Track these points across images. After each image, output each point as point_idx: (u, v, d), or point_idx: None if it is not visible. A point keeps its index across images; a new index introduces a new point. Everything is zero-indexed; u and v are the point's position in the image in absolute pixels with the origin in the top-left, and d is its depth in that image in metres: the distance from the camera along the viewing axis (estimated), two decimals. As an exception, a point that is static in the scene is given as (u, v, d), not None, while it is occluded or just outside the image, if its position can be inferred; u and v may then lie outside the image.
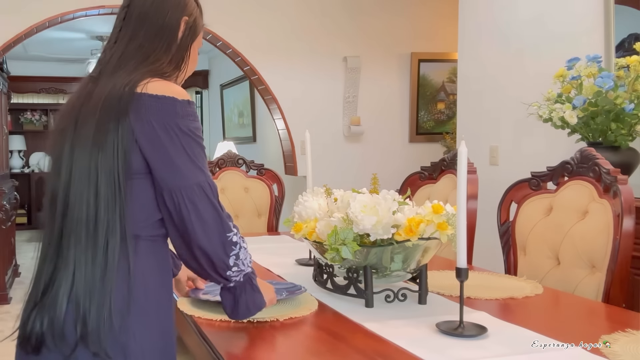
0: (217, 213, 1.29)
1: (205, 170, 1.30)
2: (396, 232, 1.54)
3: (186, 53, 1.42)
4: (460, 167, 1.35)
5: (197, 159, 1.28)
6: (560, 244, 2.05)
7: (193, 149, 1.27)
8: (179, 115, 1.26)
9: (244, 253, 1.34)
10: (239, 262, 1.32)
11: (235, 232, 1.32)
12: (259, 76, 5.09)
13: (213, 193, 1.29)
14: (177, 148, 1.26)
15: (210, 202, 1.28)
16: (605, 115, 2.63)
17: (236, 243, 1.31)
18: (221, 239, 1.29)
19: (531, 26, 3.40)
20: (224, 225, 1.30)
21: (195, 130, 1.29)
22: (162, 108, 1.25)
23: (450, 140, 5.21)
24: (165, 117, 1.25)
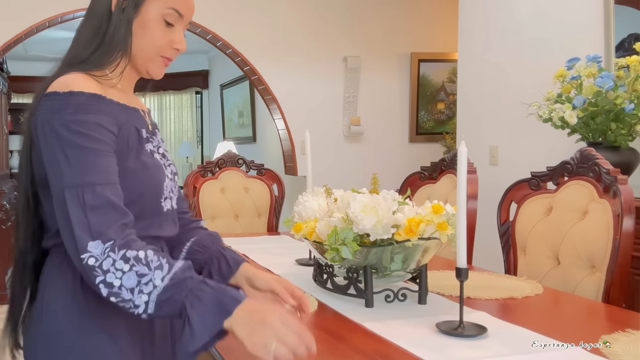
0: (69, 226, 1.05)
1: (75, 172, 1.07)
2: (396, 232, 1.54)
3: (125, 32, 1.19)
4: (460, 167, 1.35)
5: (66, 160, 1.07)
6: (560, 244, 2.05)
7: (65, 147, 1.08)
8: (55, 110, 1.10)
9: (130, 277, 1.02)
10: (122, 291, 1.02)
11: (98, 254, 1.03)
12: (259, 76, 5.09)
13: (73, 200, 1.06)
14: (49, 149, 1.10)
15: (67, 212, 1.06)
16: (605, 115, 2.63)
17: (93, 268, 1.03)
18: (78, 262, 1.04)
19: (531, 26, 3.40)
20: (76, 244, 1.04)
21: (74, 124, 1.08)
22: (45, 106, 1.12)
23: (450, 140, 5.21)
24: (45, 116, 1.11)
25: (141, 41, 1.21)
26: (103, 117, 1.12)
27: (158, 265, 1.03)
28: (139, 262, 1.03)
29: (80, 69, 1.18)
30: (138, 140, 1.21)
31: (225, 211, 3.31)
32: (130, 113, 1.22)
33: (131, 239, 1.06)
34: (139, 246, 1.05)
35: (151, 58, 1.24)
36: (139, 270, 1.02)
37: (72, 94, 1.11)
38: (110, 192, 1.08)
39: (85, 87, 1.13)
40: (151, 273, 1.02)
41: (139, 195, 1.17)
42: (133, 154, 1.18)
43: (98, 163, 1.09)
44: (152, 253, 1.05)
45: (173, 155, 9.52)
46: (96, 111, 1.12)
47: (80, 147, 1.08)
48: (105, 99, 1.15)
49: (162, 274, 1.03)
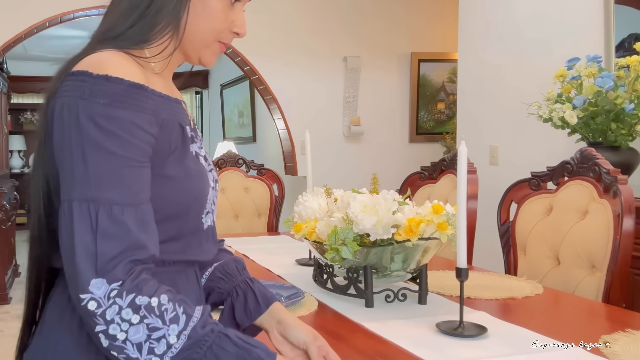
0: (71, 249, 0.83)
1: (92, 181, 0.85)
2: (396, 232, 1.54)
3: (178, 4, 0.97)
4: (460, 167, 1.35)
5: (84, 162, 0.85)
6: (560, 244, 2.05)
7: (85, 147, 0.85)
8: (83, 95, 0.86)
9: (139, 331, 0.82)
10: (127, 346, 0.82)
11: (101, 296, 0.81)
12: (259, 76, 5.09)
13: (83, 218, 0.83)
14: (65, 144, 0.87)
15: (72, 232, 0.83)
16: (605, 115, 2.63)
17: (93, 314, 0.81)
18: (77, 300, 0.83)
19: (531, 26, 3.40)
20: (77, 277, 0.82)
21: (104, 120, 0.85)
22: (70, 88, 0.88)
23: (450, 140, 5.21)
24: (68, 99, 0.87)
25: (200, 20, 0.99)
26: (142, 115, 0.89)
27: (173, 317, 0.83)
28: (151, 312, 0.82)
29: (114, 46, 0.95)
30: (182, 140, 0.97)
31: (225, 211, 3.31)
32: (173, 107, 0.98)
33: (142, 279, 0.84)
34: (150, 290, 0.84)
35: (208, 43, 1.02)
36: (150, 324, 0.82)
37: (107, 79, 0.87)
38: (130, 216, 0.86)
39: (126, 72, 0.90)
40: (165, 328, 0.82)
41: (178, 209, 0.96)
42: (175, 158, 0.95)
43: (123, 175, 0.86)
44: (166, 299, 0.84)
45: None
46: (134, 106, 0.88)
47: (104, 150, 0.85)
48: (148, 90, 0.91)
49: (178, 329, 0.83)
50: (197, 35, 1.00)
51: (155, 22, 0.97)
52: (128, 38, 0.96)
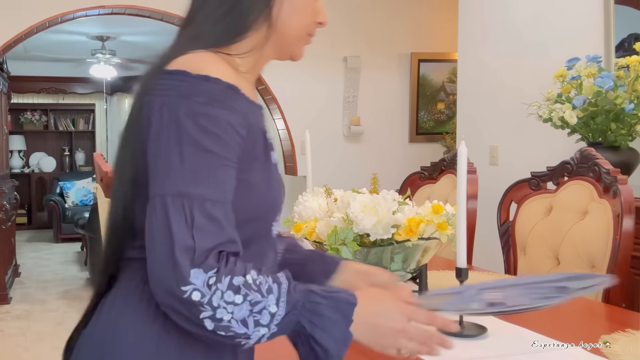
0: (168, 243, 0.84)
1: (187, 178, 0.86)
2: (396, 232, 1.54)
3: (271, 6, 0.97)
4: (460, 167, 1.35)
5: (180, 159, 0.86)
6: (560, 244, 2.05)
7: (183, 144, 0.87)
8: (183, 94, 0.88)
9: (243, 308, 0.85)
10: (232, 324, 0.85)
11: (201, 286, 0.83)
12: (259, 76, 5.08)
13: (178, 212, 0.85)
14: (161, 140, 0.88)
15: (168, 227, 0.85)
16: (605, 115, 2.63)
17: (199, 304, 0.84)
18: (175, 292, 0.84)
19: (531, 26, 3.40)
20: (175, 270, 0.84)
21: (202, 118, 0.87)
22: (169, 87, 0.90)
23: (450, 140, 5.21)
24: (167, 98, 0.89)
25: (292, 15, 0.98)
26: (235, 116, 0.90)
27: (268, 288, 0.86)
28: (250, 288, 0.85)
29: (205, 45, 0.95)
30: (264, 147, 0.97)
31: (225, 211, 3.31)
32: (257, 112, 0.98)
33: (231, 262, 0.86)
34: (241, 270, 0.86)
35: (301, 36, 1.02)
36: (252, 300, 0.85)
37: (207, 80, 0.89)
38: (220, 213, 0.87)
39: (223, 73, 0.91)
40: (264, 300, 0.85)
41: (255, 216, 0.97)
42: (260, 165, 0.96)
43: (217, 174, 0.88)
44: (256, 273, 0.87)
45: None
46: (230, 107, 0.89)
47: (202, 148, 0.87)
48: (240, 93, 0.92)
49: (275, 298, 0.86)
50: (291, 31, 1.00)
51: (246, 15, 0.96)
52: (219, 34, 0.96)
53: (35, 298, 5.29)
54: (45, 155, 9.66)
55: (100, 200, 2.09)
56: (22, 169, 9.44)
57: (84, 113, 9.88)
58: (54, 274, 6.30)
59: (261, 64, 1.05)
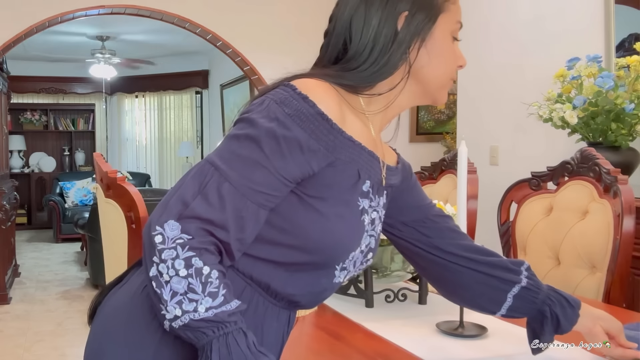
0: (173, 192, 0.91)
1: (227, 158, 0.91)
2: (396, 232, 1.54)
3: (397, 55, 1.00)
4: (460, 167, 1.35)
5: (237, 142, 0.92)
6: (561, 244, 2.04)
7: (247, 133, 0.92)
8: (278, 101, 0.93)
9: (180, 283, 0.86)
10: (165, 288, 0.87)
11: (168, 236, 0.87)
12: (259, 76, 5.09)
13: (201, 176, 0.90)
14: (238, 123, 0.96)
15: (186, 178, 0.92)
16: (605, 115, 2.63)
17: (154, 246, 0.87)
18: (149, 229, 0.89)
19: (531, 26, 3.40)
20: (161, 213, 0.89)
21: (276, 123, 0.91)
22: (274, 92, 0.96)
23: (450, 140, 5.21)
24: (266, 98, 0.96)
25: (436, 66, 1.03)
26: (311, 142, 0.92)
27: (213, 293, 0.87)
28: (198, 276, 0.86)
29: (335, 81, 0.99)
30: (352, 187, 0.98)
31: (225, 211, 3.31)
32: (360, 154, 0.99)
33: (206, 248, 0.88)
34: (208, 260, 0.88)
35: (444, 84, 1.06)
36: (191, 284, 0.86)
37: (304, 99, 0.93)
38: (231, 199, 0.89)
39: (322, 101, 0.94)
40: (200, 296, 0.86)
41: (315, 246, 0.96)
42: (336, 198, 0.96)
43: (254, 170, 0.90)
44: (216, 274, 0.88)
45: (173, 156, 9.54)
46: (310, 131, 0.92)
47: (258, 145, 0.90)
48: (333, 126, 0.94)
49: (210, 304, 0.86)
50: (434, 80, 1.04)
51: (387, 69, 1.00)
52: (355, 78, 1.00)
53: (35, 298, 5.29)
54: (45, 155, 9.66)
55: (100, 200, 2.09)
56: (22, 169, 9.44)
57: (83, 113, 9.88)
58: (53, 274, 6.30)
59: (394, 109, 1.08)
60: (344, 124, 0.95)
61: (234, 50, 5.02)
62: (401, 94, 1.04)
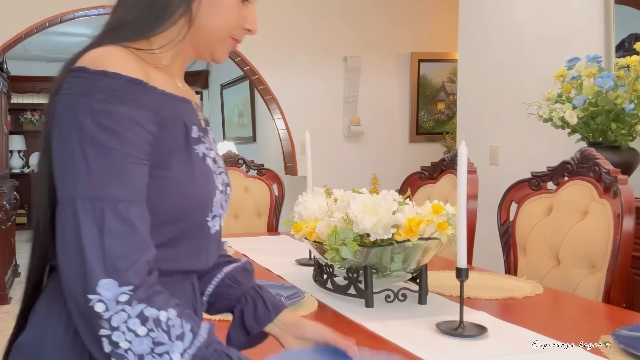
0: (78, 247, 0.81)
1: (94, 180, 0.82)
2: (396, 232, 1.54)
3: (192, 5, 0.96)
4: (460, 167, 1.35)
5: (84, 160, 0.83)
6: (560, 244, 2.05)
7: (84, 144, 0.83)
8: (82, 92, 0.85)
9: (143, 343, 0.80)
10: (128, 356, 0.80)
11: (109, 299, 0.79)
12: (259, 76, 5.09)
13: (88, 216, 0.81)
14: (64, 141, 0.85)
15: (78, 231, 0.81)
16: (605, 115, 2.63)
17: (99, 316, 0.79)
18: (81, 300, 0.81)
19: (531, 26, 3.40)
20: (85, 275, 0.80)
21: (101, 116, 0.84)
22: (69, 84, 0.87)
23: (450, 140, 5.21)
24: (67, 96, 0.86)
25: (213, 15, 0.98)
26: (140, 112, 0.87)
27: (180, 335, 0.82)
28: (159, 326, 0.80)
29: (117, 39, 0.93)
30: (185, 140, 0.95)
31: (225, 211, 3.31)
32: (178, 105, 0.96)
33: (154, 292, 0.82)
34: (161, 303, 0.82)
35: (222, 39, 1.02)
36: (156, 338, 0.80)
37: (105, 75, 0.86)
38: (135, 214, 0.84)
39: (124, 67, 0.88)
40: (169, 345, 0.80)
41: (181, 212, 0.93)
42: (178, 158, 0.93)
43: (125, 172, 0.84)
44: (174, 314, 0.82)
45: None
46: (133, 102, 0.87)
47: (104, 147, 0.83)
48: (147, 87, 0.89)
49: (183, 347, 0.81)
50: (210, 30, 0.99)
51: (165, 7, 0.94)
52: (135, 26, 0.95)
53: (35, 298, 5.29)
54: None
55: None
56: (22, 169, 9.44)
57: (83, 113, 9.87)
58: (54, 274, 6.30)
59: (184, 60, 1.03)
60: (151, 80, 0.91)
61: (234, 50, 5.01)
62: (186, 44, 0.99)
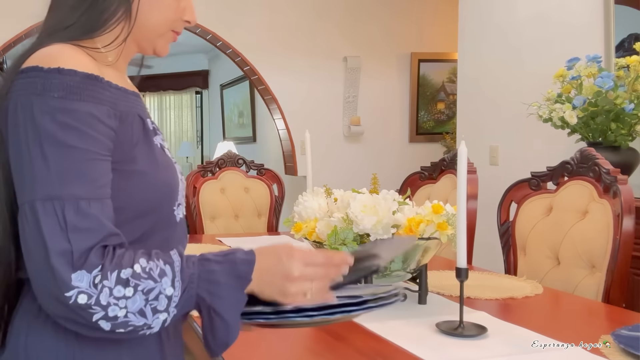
0: (41, 251, 0.80)
1: (54, 179, 0.82)
2: (396, 232, 1.54)
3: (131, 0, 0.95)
4: (460, 167, 1.35)
5: (44, 160, 0.82)
6: (560, 244, 2.05)
7: (43, 144, 0.82)
8: (36, 91, 0.83)
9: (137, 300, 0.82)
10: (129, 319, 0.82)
11: (86, 287, 0.80)
12: (259, 76, 5.09)
13: (49, 217, 0.81)
14: (20, 142, 0.84)
15: (40, 233, 0.80)
16: (605, 115, 2.63)
17: (87, 306, 0.80)
18: (60, 301, 0.81)
19: (531, 26, 3.40)
20: (54, 278, 0.80)
21: (60, 114, 0.83)
22: (21, 85, 0.85)
23: (450, 140, 5.21)
24: (20, 97, 0.84)
25: (153, 10, 0.98)
26: (99, 107, 0.86)
27: (160, 272, 0.84)
28: (140, 278, 0.82)
29: (64, 38, 0.92)
30: (144, 133, 0.95)
31: (225, 211, 3.31)
32: (131, 99, 0.96)
33: (118, 255, 0.83)
34: (128, 260, 0.83)
35: (162, 32, 1.01)
36: (145, 288, 0.82)
37: (60, 72, 0.84)
38: (98, 210, 0.83)
39: (78, 63, 0.87)
40: (158, 284, 0.83)
41: (151, 204, 0.94)
42: (141, 152, 0.93)
43: (86, 169, 0.84)
44: (145, 260, 0.84)
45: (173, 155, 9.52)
46: (91, 98, 0.86)
47: (65, 145, 0.82)
48: (103, 82, 0.89)
49: (170, 280, 0.84)
50: (150, 24, 0.98)
51: (105, 9, 0.94)
52: (78, 28, 0.93)
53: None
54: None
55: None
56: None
57: (84, 113, 9.87)
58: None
59: (127, 55, 1.03)
60: (104, 76, 0.90)
61: (234, 50, 5.02)
62: (129, 40, 0.98)
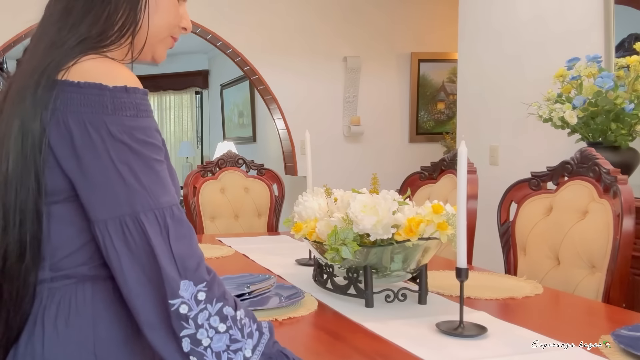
0: (152, 261, 0.85)
1: (149, 192, 0.87)
2: (396, 232, 1.54)
3: (137, 6, 0.96)
4: (460, 167, 1.35)
5: (134, 176, 0.86)
6: (560, 244, 2.05)
7: (130, 161, 0.86)
8: (108, 111, 0.85)
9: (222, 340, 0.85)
10: (207, 354, 0.84)
11: (189, 298, 0.83)
12: (259, 76, 5.09)
13: (154, 227, 0.85)
14: (104, 161, 0.86)
15: (148, 243, 0.85)
16: (605, 115, 2.63)
17: (185, 317, 0.83)
18: (159, 306, 0.84)
19: (531, 26, 3.40)
20: (164, 284, 0.83)
21: (137, 132, 0.87)
22: (84, 101, 0.86)
23: (450, 140, 5.21)
24: (89, 115, 0.85)
25: (156, 17, 0.99)
26: (154, 121, 0.92)
27: (249, 333, 0.87)
28: (235, 324, 0.86)
29: (93, 49, 0.92)
30: (162, 141, 0.97)
31: (225, 211, 3.31)
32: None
33: (224, 290, 0.88)
34: (232, 300, 0.88)
35: (162, 38, 1.03)
36: (233, 335, 0.85)
37: (127, 91, 0.87)
38: (183, 213, 0.90)
39: (134, 80, 0.90)
40: (243, 341, 0.86)
41: None
42: (166, 160, 0.96)
43: (165, 179, 0.90)
44: (243, 313, 0.88)
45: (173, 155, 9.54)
46: (150, 112, 0.91)
47: (148, 159, 0.88)
48: (147, 95, 0.93)
49: (253, 344, 0.87)
50: (153, 30, 1.00)
51: (118, 19, 0.95)
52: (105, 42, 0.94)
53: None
54: None
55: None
56: (22, 169, 9.43)
57: (83, 113, 9.86)
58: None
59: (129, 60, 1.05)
60: None
61: (234, 50, 5.02)
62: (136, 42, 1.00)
